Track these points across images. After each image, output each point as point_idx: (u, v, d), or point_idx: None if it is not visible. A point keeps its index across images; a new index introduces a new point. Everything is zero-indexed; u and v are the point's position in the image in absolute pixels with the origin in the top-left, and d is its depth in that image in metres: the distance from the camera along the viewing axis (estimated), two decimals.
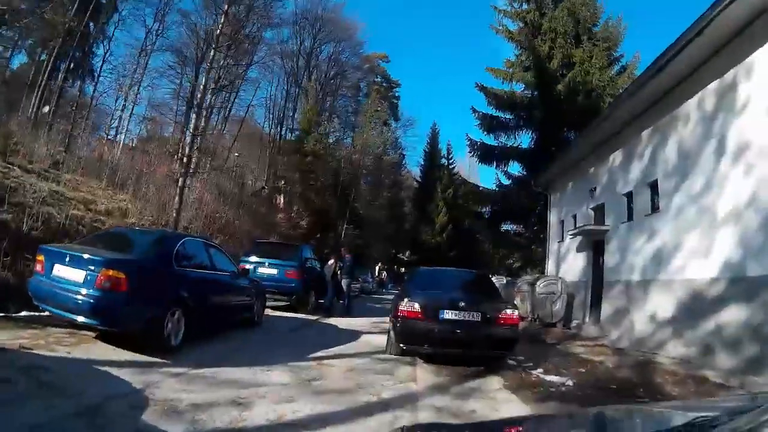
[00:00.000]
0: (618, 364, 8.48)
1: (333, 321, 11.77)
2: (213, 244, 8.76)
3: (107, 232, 9.71)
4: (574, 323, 13.60)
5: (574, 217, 15.47)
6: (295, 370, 5.97)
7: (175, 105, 33.77)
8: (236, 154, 38.76)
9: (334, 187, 37.70)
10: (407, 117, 51.66)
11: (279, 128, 41.56)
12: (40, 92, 25.53)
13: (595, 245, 13.68)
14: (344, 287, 13.76)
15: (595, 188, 13.93)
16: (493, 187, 23.14)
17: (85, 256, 5.77)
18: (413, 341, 7.17)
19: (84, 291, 5.57)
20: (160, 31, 32.50)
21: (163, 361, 5.71)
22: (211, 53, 19.99)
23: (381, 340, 8.90)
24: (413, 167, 56.75)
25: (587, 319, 13.55)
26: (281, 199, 37.49)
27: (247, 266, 12.02)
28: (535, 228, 21.76)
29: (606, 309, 12.51)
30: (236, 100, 37.54)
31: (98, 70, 30.97)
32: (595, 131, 13.40)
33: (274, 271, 12.27)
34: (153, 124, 35.73)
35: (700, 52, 8.92)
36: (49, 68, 26.42)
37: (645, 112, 11.29)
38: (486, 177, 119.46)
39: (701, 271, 8.78)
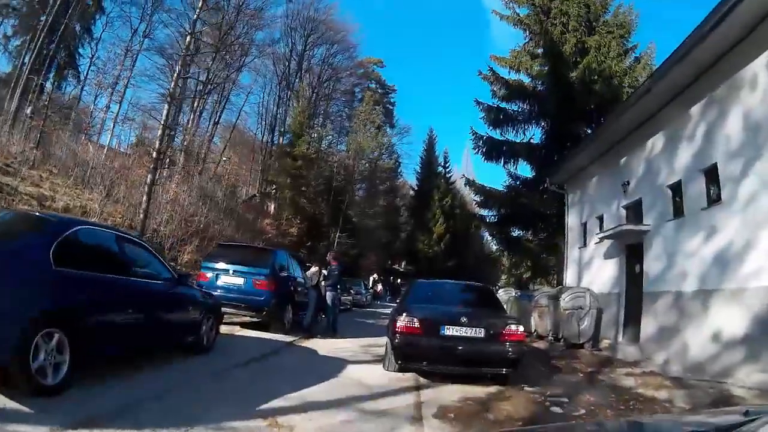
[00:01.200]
0: (690, 401, 6.33)
1: (313, 344, 9.43)
2: (132, 237, 6.09)
3: None
4: (604, 343, 11.37)
5: (600, 218, 13.27)
6: None
7: (164, 109, 31.57)
8: (224, 158, 37.18)
9: (327, 194, 35.98)
10: (403, 125, 49.60)
11: (271, 135, 39.58)
12: (19, 92, 24.14)
13: (629, 250, 11.50)
14: (329, 301, 11.20)
15: (627, 182, 11.75)
16: (502, 188, 20.78)
17: None
18: (412, 358, 6.73)
19: None
20: (147, 32, 30.65)
21: (25, 409, 3.60)
22: (187, 39, 18.19)
23: (373, 373, 6.75)
24: (409, 176, 54.84)
25: (620, 339, 11.32)
26: (272, 206, 35.37)
27: (208, 274, 9.87)
28: (547, 233, 19.49)
29: (647, 326, 10.28)
30: (227, 105, 36.22)
31: (85, 72, 29.76)
32: (627, 113, 11.25)
33: (239, 281, 9.87)
34: (143, 129, 33.68)
35: None
36: (28, 69, 25.01)
37: (695, 81, 9.18)
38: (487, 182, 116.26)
39: None
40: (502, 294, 17.98)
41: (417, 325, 6.63)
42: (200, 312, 6.87)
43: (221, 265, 10.12)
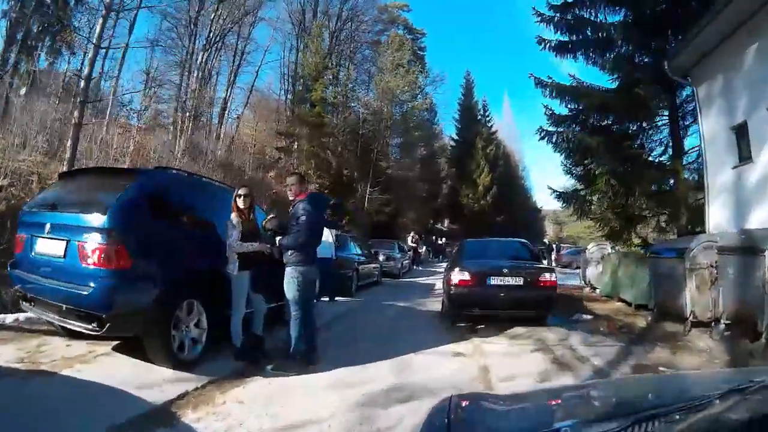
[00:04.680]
0: None
1: (230, 406, 3.85)
2: None
3: None
4: None
5: None
6: None
7: (178, 78, 29.62)
8: (236, 116, 33.23)
9: (354, 143, 31.03)
10: (436, 73, 42.91)
11: (294, 91, 34.85)
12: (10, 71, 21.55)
13: None
14: (289, 290, 5.00)
15: None
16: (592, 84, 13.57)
17: None
18: (465, 305, 7.87)
19: None
20: None
21: None
22: None
23: None
24: (447, 126, 49.04)
25: None
26: (293, 161, 30.66)
27: (24, 235, 4.80)
28: (635, 163, 13.20)
29: None
30: (243, 65, 32.75)
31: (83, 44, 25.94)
32: None
33: (57, 250, 4.40)
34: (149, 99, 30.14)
35: None
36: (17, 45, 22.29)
37: None
38: (532, 128, 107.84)
39: None
40: (594, 250, 12.49)
41: (468, 277, 7.84)
42: None
43: (40, 218, 4.67)
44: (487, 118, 51.39)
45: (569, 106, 13.39)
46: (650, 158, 12.90)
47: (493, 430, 1.54)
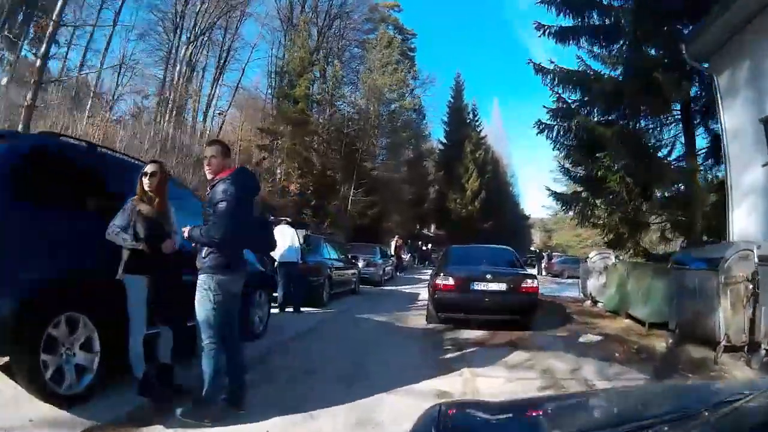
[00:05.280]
0: None
1: None
2: None
3: None
4: None
5: None
6: None
7: (162, 72, 29.24)
8: (218, 112, 32.14)
9: (339, 143, 30.06)
10: (426, 75, 41.78)
11: (279, 86, 33.85)
12: None
13: None
14: (201, 304, 3.46)
15: None
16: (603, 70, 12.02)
17: None
18: (449, 310, 8.16)
19: None
20: None
21: None
22: None
23: None
24: (436, 130, 47.47)
25: None
26: (276, 161, 29.34)
27: None
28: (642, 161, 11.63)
29: None
30: (229, 61, 32.64)
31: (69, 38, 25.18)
32: None
33: None
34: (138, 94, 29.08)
35: None
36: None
37: None
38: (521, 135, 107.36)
39: None
40: (596, 259, 11.21)
41: (452, 282, 8.06)
42: None
43: None
44: (477, 122, 50.69)
45: (572, 96, 11.95)
46: (658, 156, 11.54)
47: None
